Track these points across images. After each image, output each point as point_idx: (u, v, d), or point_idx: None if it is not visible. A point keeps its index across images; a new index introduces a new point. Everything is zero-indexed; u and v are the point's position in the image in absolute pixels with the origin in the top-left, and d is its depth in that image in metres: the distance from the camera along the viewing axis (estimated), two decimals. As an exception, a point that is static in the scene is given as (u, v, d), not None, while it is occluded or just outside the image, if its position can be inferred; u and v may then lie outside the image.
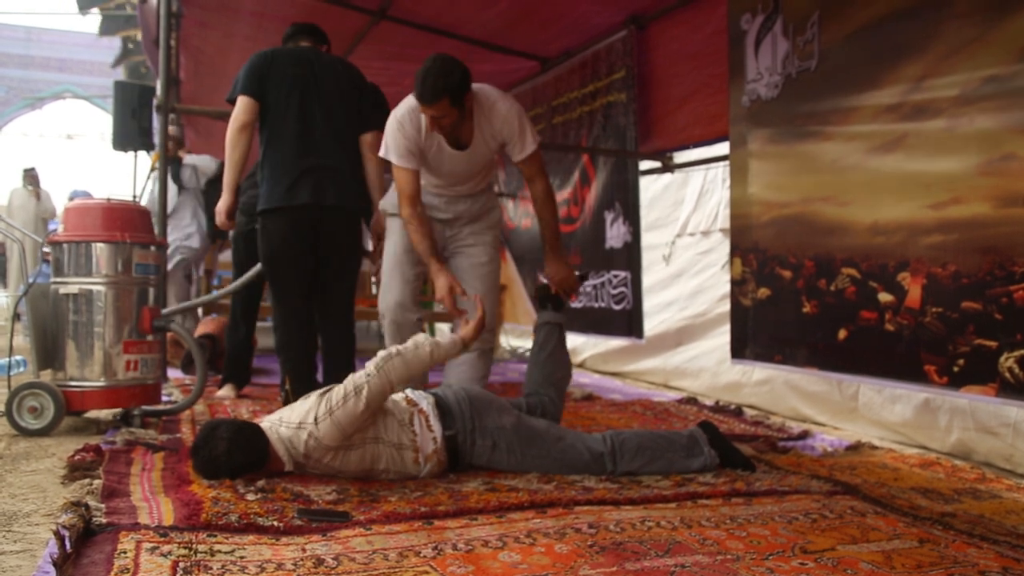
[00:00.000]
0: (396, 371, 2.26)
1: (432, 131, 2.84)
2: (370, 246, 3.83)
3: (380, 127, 3.38)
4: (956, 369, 2.43)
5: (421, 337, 2.38)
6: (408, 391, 2.48)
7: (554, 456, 2.40)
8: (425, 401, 2.41)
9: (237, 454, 2.21)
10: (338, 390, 2.23)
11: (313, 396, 2.30)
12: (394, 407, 2.36)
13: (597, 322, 4.76)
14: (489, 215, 3.16)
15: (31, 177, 9.67)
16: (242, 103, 3.28)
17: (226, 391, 3.94)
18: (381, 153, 2.99)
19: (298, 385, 3.29)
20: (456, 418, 2.38)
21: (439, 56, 2.76)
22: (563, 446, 2.41)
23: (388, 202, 3.19)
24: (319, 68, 3.38)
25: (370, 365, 2.27)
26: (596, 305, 4.74)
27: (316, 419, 2.20)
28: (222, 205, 3.41)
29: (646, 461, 2.42)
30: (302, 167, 3.26)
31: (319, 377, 3.38)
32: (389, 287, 3.13)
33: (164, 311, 3.23)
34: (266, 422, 2.32)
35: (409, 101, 2.88)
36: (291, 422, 2.25)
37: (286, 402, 3.28)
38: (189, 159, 5.75)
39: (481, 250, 3.09)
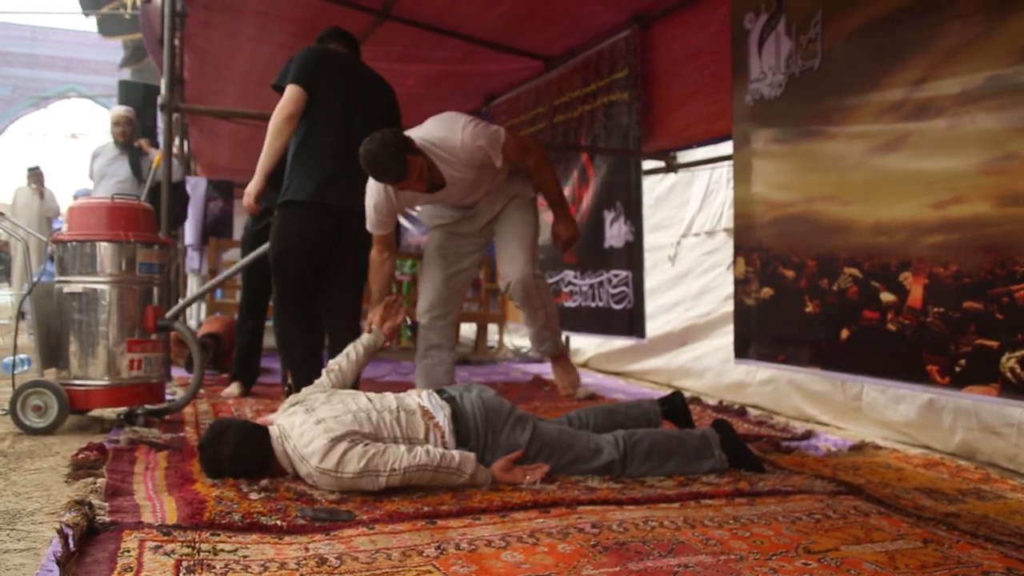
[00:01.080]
0: (420, 479, 2.17)
1: (402, 191, 3.07)
2: None
3: None
4: (958, 369, 2.42)
5: (469, 464, 2.22)
6: (425, 398, 2.42)
7: (562, 466, 2.38)
8: (441, 413, 2.35)
9: (242, 460, 2.22)
10: (356, 457, 2.10)
11: (322, 427, 2.16)
12: (409, 421, 2.30)
13: (596, 321, 4.74)
14: (512, 202, 3.35)
15: (35, 176, 9.70)
16: (293, 92, 3.24)
17: (232, 389, 3.95)
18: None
19: (301, 382, 3.30)
20: (471, 433, 2.34)
21: (369, 142, 2.89)
22: (573, 455, 2.40)
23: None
24: (364, 79, 3.44)
25: (403, 460, 2.13)
26: (593, 304, 4.73)
27: (319, 468, 2.10)
28: (252, 188, 3.36)
29: (655, 465, 2.41)
30: (336, 168, 3.28)
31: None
32: (422, 292, 3.47)
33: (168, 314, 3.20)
34: (275, 428, 2.28)
35: (371, 180, 3.11)
36: (296, 446, 2.17)
37: (290, 400, 3.28)
38: (155, 155, 5.39)
39: (512, 227, 3.44)
